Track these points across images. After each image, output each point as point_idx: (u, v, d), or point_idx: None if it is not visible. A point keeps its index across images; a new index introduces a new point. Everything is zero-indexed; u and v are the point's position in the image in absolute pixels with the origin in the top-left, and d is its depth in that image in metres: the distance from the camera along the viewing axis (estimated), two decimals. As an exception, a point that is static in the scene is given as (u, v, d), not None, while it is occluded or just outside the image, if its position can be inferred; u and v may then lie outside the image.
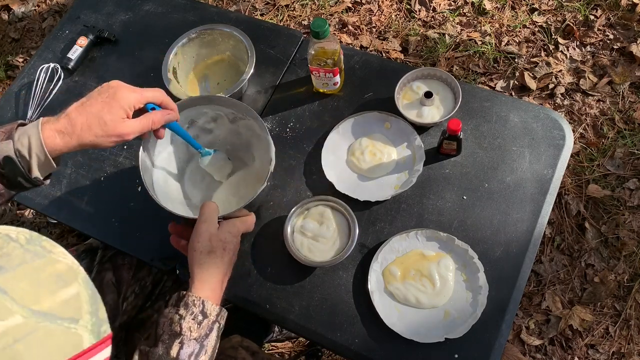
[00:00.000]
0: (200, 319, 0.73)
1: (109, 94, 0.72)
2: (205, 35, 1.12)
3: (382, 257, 0.95)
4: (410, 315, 0.91)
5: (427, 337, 0.88)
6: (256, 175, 1.01)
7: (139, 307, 1.06)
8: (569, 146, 1.01)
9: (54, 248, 0.45)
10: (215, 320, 0.75)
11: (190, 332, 0.72)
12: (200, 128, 1.01)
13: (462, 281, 0.93)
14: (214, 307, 0.75)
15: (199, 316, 0.73)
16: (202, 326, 0.73)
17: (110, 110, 0.70)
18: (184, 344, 0.71)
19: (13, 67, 2.16)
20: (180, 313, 0.72)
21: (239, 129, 1.00)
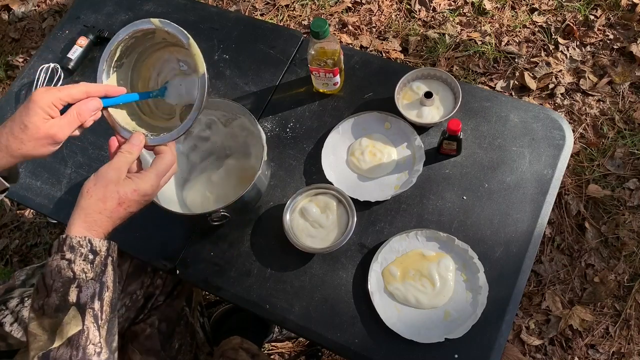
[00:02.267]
0: (92, 258, 0.68)
1: (26, 100, 0.69)
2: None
3: (382, 257, 0.95)
4: (410, 315, 0.91)
5: (427, 338, 0.88)
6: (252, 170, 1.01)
7: (131, 319, 1.05)
8: (569, 146, 1.01)
9: None
10: (107, 255, 0.70)
11: (84, 274, 0.67)
12: (197, 137, 1.01)
13: (462, 281, 0.93)
14: (102, 242, 0.70)
15: (90, 255, 0.68)
16: (95, 265, 0.68)
17: (28, 113, 0.67)
18: (81, 286, 0.66)
19: (13, 67, 2.16)
20: (68, 257, 0.67)
21: (234, 131, 1.00)
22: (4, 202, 1.88)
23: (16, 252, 1.82)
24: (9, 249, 1.82)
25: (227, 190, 1.02)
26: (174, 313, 1.09)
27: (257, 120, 0.94)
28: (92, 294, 0.66)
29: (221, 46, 1.18)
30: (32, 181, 1.11)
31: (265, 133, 1.08)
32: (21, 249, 1.82)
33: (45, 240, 1.81)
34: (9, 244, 1.83)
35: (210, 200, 1.01)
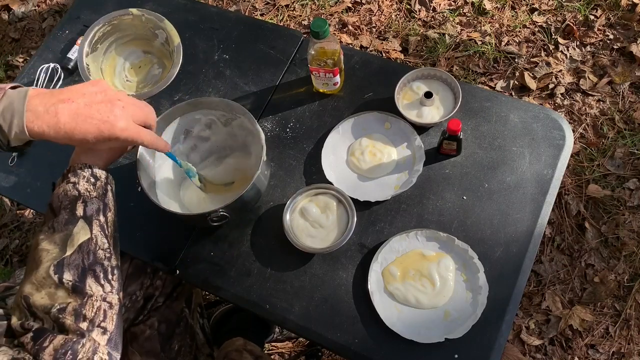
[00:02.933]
0: (93, 181, 0.73)
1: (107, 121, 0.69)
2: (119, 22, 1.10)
3: (382, 257, 0.95)
4: (410, 315, 0.92)
5: (427, 338, 0.88)
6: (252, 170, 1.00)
7: (130, 320, 1.05)
8: (569, 146, 1.01)
9: None
10: (107, 182, 0.75)
11: (88, 193, 0.72)
12: (197, 137, 1.01)
13: (462, 281, 0.93)
14: (101, 171, 0.75)
15: (91, 179, 0.73)
16: (97, 187, 0.73)
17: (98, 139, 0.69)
18: (87, 202, 0.71)
19: (13, 67, 2.16)
20: (72, 181, 0.72)
21: (233, 131, 1.00)
22: (3, 202, 1.88)
23: (16, 252, 1.82)
24: (9, 249, 1.82)
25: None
26: (174, 314, 1.09)
27: (257, 120, 0.94)
28: (97, 208, 0.72)
29: (221, 46, 1.18)
30: (32, 181, 1.11)
31: (265, 133, 1.08)
32: (21, 249, 1.82)
33: (45, 240, 1.81)
34: (9, 244, 1.83)
35: (206, 201, 1.01)
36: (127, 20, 1.07)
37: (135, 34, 1.09)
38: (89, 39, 1.07)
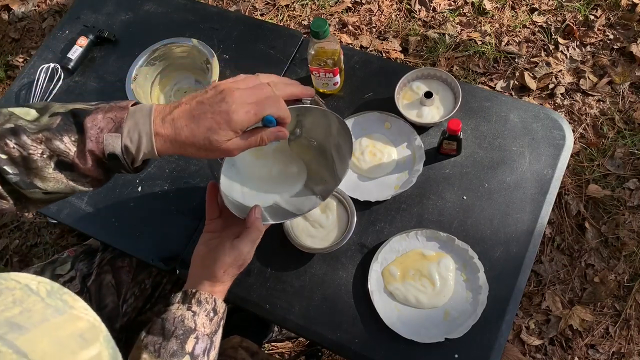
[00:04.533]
0: (212, 316, 0.74)
1: (222, 111, 0.62)
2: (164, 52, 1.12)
3: (382, 257, 0.95)
4: (410, 315, 0.92)
5: (427, 337, 0.88)
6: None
7: (139, 309, 1.06)
8: (569, 146, 1.01)
9: (75, 302, 0.41)
10: (222, 317, 0.77)
11: (203, 328, 0.73)
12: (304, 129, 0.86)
13: (462, 281, 0.93)
14: (223, 304, 0.77)
15: (211, 313, 0.74)
16: (213, 322, 0.74)
17: (218, 132, 0.62)
18: (198, 339, 0.72)
19: (13, 67, 2.16)
20: (194, 310, 0.73)
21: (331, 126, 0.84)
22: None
23: (16, 252, 1.82)
24: (9, 249, 1.82)
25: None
26: None
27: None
28: (204, 348, 0.72)
29: (221, 46, 1.18)
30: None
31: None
32: (21, 249, 1.82)
33: (45, 240, 1.81)
34: (9, 244, 1.83)
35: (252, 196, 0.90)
36: (187, 48, 1.11)
37: (193, 63, 1.13)
38: (149, 52, 1.09)
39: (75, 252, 1.08)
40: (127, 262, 1.06)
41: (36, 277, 0.41)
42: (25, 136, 0.60)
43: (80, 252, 1.08)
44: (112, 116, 0.62)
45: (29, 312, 0.38)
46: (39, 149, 0.60)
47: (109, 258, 1.06)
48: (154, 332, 0.72)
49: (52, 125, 0.61)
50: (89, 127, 0.61)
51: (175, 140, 0.63)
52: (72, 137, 0.61)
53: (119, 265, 1.06)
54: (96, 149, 0.61)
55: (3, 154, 0.60)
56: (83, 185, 0.64)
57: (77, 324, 0.39)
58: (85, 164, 0.62)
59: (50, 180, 0.62)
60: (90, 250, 1.09)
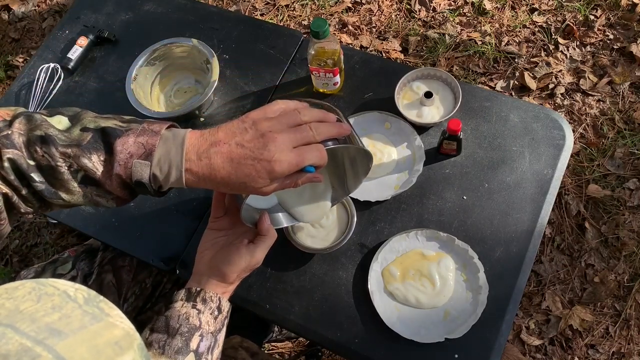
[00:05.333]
0: (216, 314, 0.74)
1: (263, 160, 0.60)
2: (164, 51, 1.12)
3: (382, 257, 0.95)
4: (410, 315, 0.91)
5: (427, 337, 0.88)
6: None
7: (139, 308, 1.06)
8: (569, 146, 1.01)
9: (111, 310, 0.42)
10: (226, 317, 0.77)
11: (208, 326, 0.73)
12: None
13: (462, 281, 0.93)
14: (227, 303, 0.77)
15: (215, 311, 0.74)
16: (217, 321, 0.75)
17: (257, 180, 0.61)
18: (203, 336, 0.72)
19: (13, 67, 2.16)
20: (199, 308, 0.73)
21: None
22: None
23: (16, 252, 1.82)
24: (9, 249, 1.82)
25: None
26: None
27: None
28: (208, 346, 0.73)
29: (221, 46, 1.18)
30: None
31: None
32: (21, 249, 1.82)
33: (45, 240, 1.81)
34: (9, 244, 1.83)
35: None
36: (187, 48, 1.11)
37: (193, 63, 1.13)
38: (149, 52, 1.09)
39: (76, 252, 1.08)
40: (128, 261, 1.06)
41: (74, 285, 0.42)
42: (54, 148, 0.60)
43: (81, 251, 1.09)
44: (144, 141, 0.61)
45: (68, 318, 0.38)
46: (67, 163, 0.60)
47: (110, 257, 1.06)
48: (158, 330, 0.71)
49: (82, 142, 0.60)
50: (119, 150, 0.60)
51: (209, 179, 0.62)
52: (100, 156, 0.60)
53: (119, 264, 1.06)
54: (123, 174, 0.60)
55: (32, 160, 0.60)
56: (107, 202, 0.64)
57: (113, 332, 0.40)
58: (111, 184, 0.61)
59: (75, 194, 0.62)
60: (91, 249, 1.09)
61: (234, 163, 0.61)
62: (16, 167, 0.59)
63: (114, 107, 1.13)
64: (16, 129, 0.60)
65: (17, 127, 0.60)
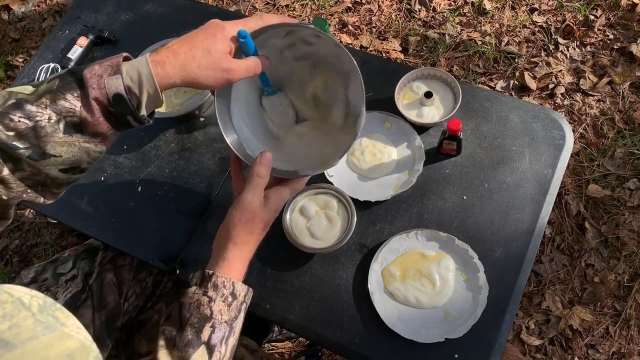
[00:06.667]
0: (230, 301, 0.70)
1: (210, 26, 0.66)
2: None
3: (382, 257, 0.95)
4: (411, 315, 0.92)
5: (427, 337, 0.88)
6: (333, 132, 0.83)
7: (140, 307, 1.06)
8: (569, 146, 1.01)
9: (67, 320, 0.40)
10: (243, 301, 0.73)
11: (220, 315, 0.69)
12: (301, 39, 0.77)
13: (462, 281, 0.93)
14: (243, 287, 0.72)
15: (229, 298, 0.70)
16: (231, 308, 0.70)
17: (214, 42, 0.65)
18: (215, 327, 0.68)
19: (13, 67, 2.16)
20: (210, 295, 0.69)
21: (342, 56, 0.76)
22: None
23: (16, 252, 1.82)
24: (9, 249, 1.82)
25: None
26: None
27: None
28: (222, 337, 0.69)
29: (221, 46, 1.18)
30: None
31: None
32: (21, 249, 1.82)
33: (45, 240, 1.81)
34: (9, 244, 1.83)
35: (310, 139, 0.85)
36: None
37: None
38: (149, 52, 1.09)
39: (76, 251, 1.08)
40: (129, 260, 1.06)
41: (30, 291, 0.40)
42: (30, 105, 0.60)
43: (81, 250, 1.09)
44: (109, 63, 0.63)
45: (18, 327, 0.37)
46: (45, 114, 0.61)
47: (111, 256, 1.06)
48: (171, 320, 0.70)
49: (52, 88, 0.61)
50: (89, 77, 0.62)
51: (175, 59, 0.63)
52: (74, 93, 0.62)
53: (120, 263, 1.06)
54: (100, 95, 0.62)
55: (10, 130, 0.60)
56: (96, 146, 0.64)
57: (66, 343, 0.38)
58: (93, 115, 0.62)
59: (63, 145, 0.62)
60: (91, 248, 1.09)
61: (189, 38, 0.65)
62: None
63: (114, 107, 1.13)
64: None
65: None
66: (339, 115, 0.81)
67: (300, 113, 0.85)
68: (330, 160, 0.77)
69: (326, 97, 0.82)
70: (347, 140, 0.76)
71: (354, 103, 0.79)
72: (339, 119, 0.82)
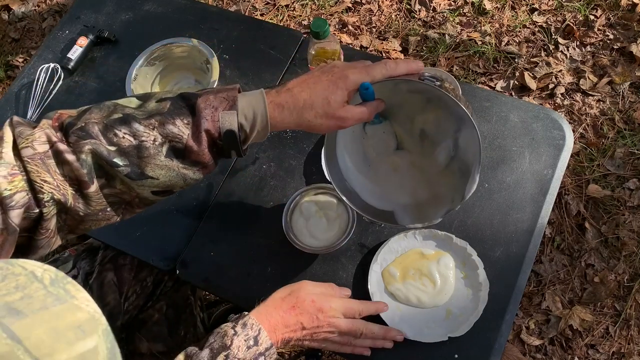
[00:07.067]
0: (251, 344, 0.71)
1: (333, 73, 0.65)
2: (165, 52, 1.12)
3: (381, 257, 0.95)
4: (413, 315, 0.92)
5: (431, 337, 0.88)
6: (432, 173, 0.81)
7: (140, 306, 1.06)
8: (569, 146, 1.01)
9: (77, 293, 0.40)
10: (262, 353, 0.72)
11: (237, 351, 0.70)
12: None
13: (462, 278, 0.93)
14: (268, 339, 0.73)
15: (251, 340, 0.71)
16: (249, 351, 0.71)
17: (335, 91, 0.64)
18: (229, 358, 0.69)
19: (13, 67, 2.16)
20: (236, 329, 0.71)
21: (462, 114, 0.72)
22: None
23: (16, 252, 1.82)
24: (9, 249, 1.82)
25: None
26: (181, 299, 1.11)
27: None
28: None
29: (221, 46, 1.18)
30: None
31: (265, 133, 1.08)
32: (21, 249, 1.82)
33: (45, 240, 1.80)
34: (9, 244, 1.83)
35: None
36: (187, 48, 1.11)
37: (193, 63, 1.13)
38: (149, 52, 1.09)
39: (76, 251, 1.08)
40: (129, 260, 1.07)
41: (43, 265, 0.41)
42: (137, 123, 0.60)
43: (81, 250, 1.09)
44: (224, 95, 0.63)
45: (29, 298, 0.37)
46: (152, 136, 0.60)
47: (111, 256, 1.06)
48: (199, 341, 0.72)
49: (162, 110, 0.61)
50: (203, 107, 0.61)
51: (294, 105, 0.64)
52: (184, 119, 0.61)
53: (120, 263, 1.06)
54: (212, 128, 0.61)
55: (112, 145, 0.59)
56: (193, 173, 0.64)
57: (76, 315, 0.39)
58: (200, 145, 0.61)
59: (162, 168, 0.61)
60: (91, 248, 1.09)
61: (310, 83, 0.64)
62: (97, 157, 0.59)
63: (114, 107, 1.13)
64: (88, 120, 0.60)
65: (88, 117, 0.60)
66: (442, 156, 0.80)
67: (403, 144, 0.84)
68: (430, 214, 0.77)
69: (434, 133, 0.80)
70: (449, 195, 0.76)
71: (463, 147, 0.77)
72: (442, 160, 0.80)
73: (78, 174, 0.59)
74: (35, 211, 0.58)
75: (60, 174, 0.59)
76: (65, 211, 0.61)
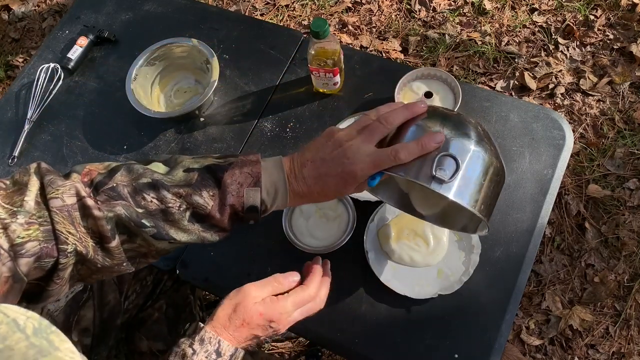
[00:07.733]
0: (214, 358, 0.70)
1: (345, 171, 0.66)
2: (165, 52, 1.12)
3: (378, 217, 0.96)
4: (405, 273, 0.94)
5: (421, 294, 0.90)
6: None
7: (140, 305, 1.06)
8: (569, 146, 1.01)
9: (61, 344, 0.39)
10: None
11: None
12: None
13: (455, 241, 0.95)
14: (229, 347, 0.71)
15: (212, 355, 0.69)
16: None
17: (345, 187, 0.68)
18: None
19: (13, 67, 2.16)
20: (194, 348, 0.69)
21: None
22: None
23: (16, 252, 1.82)
24: (9, 249, 1.82)
25: None
26: (181, 298, 1.11)
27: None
28: None
29: (221, 46, 1.18)
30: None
31: (265, 133, 1.08)
32: (21, 249, 1.82)
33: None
34: (9, 244, 1.83)
35: None
36: (187, 48, 1.11)
37: (193, 63, 1.14)
38: (149, 52, 1.10)
39: None
40: None
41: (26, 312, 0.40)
42: (165, 191, 0.64)
43: None
44: (249, 171, 0.66)
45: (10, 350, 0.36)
46: (177, 203, 0.64)
47: None
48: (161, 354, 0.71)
49: (190, 181, 0.65)
50: (229, 182, 0.65)
51: (309, 196, 0.69)
52: (210, 191, 0.65)
53: None
54: (236, 203, 0.65)
55: (140, 208, 0.62)
56: (211, 236, 0.67)
57: None
58: (222, 216, 0.65)
59: (185, 232, 0.65)
60: None
61: (322, 179, 0.67)
62: (126, 217, 0.62)
63: (114, 107, 1.13)
64: (119, 181, 0.63)
65: (119, 179, 0.64)
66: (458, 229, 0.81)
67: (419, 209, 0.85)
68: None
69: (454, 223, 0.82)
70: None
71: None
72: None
73: (102, 230, 0.61)
74: (48, 260, 0.59)
75: (83, 226, 0.61)
76: (82, 262, 0.63)
